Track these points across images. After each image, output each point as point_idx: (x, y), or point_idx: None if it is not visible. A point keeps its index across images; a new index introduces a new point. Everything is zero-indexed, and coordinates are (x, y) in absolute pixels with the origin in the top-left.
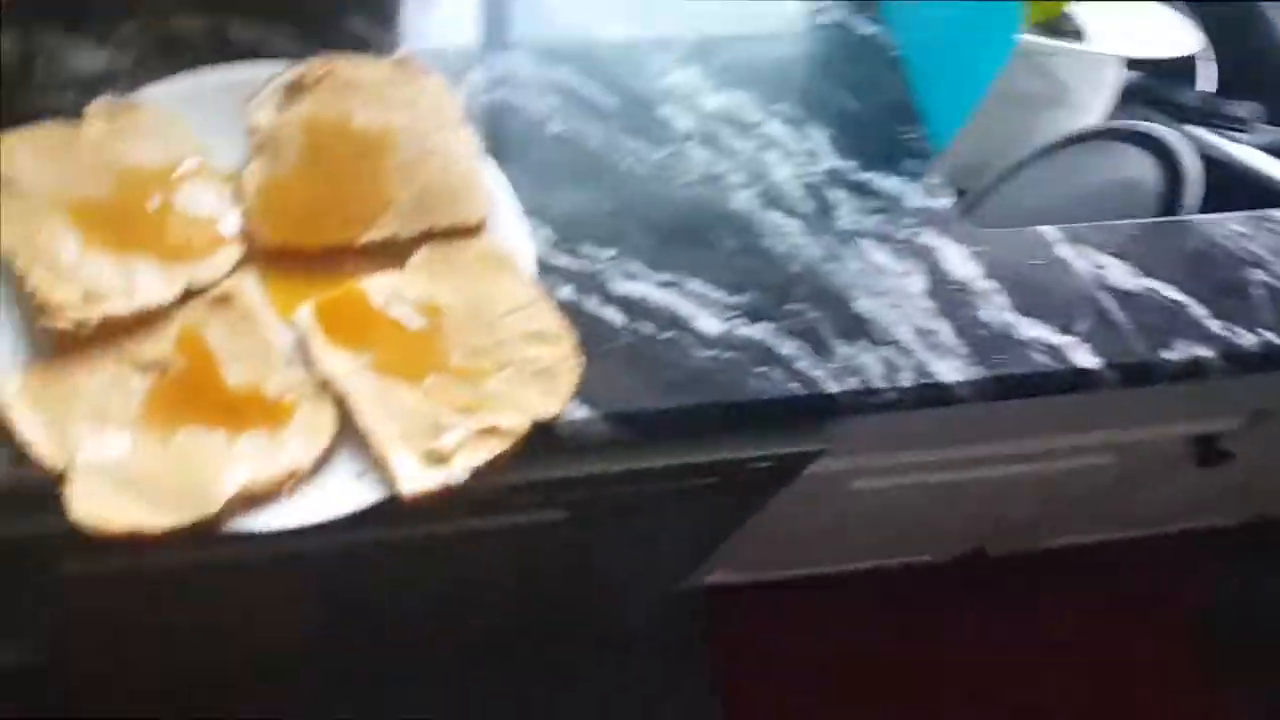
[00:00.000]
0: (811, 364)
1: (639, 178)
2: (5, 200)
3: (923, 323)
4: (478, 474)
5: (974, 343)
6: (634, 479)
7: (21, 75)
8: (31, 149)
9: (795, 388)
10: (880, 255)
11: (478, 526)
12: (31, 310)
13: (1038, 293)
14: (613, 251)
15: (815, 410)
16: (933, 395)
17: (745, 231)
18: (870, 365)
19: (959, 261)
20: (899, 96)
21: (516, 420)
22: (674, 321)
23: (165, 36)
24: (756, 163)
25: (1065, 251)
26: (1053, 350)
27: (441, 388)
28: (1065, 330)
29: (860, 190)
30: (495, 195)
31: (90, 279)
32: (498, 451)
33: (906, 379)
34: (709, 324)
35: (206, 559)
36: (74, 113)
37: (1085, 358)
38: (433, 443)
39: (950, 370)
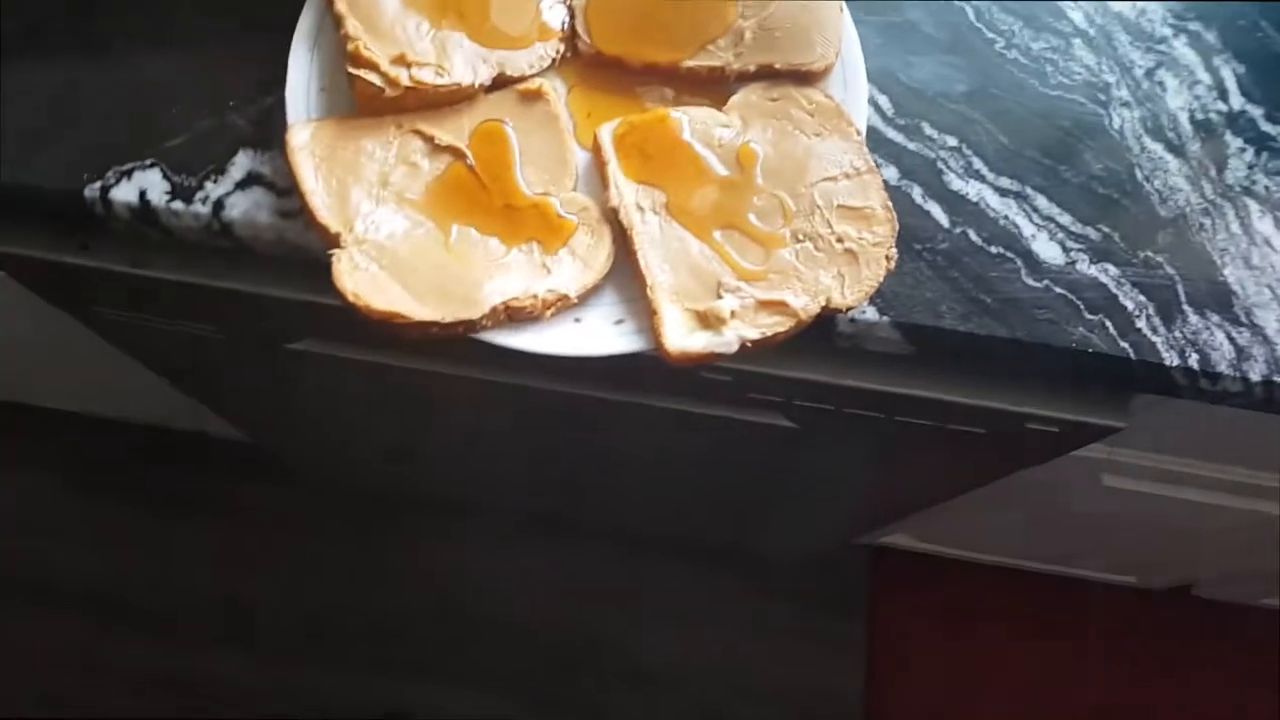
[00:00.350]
0: (1152, 326)
1: (1008, 65)
2: None
3: None
4: (747, 349)
5: None
6: (892, 405)
7: None
8: None
9: (1126, 349)
10: (1267, 225)
11: (696, 410)
12: (342, 58)
13: None
14: (955, 140)
15: (1136, 381)
16: None
17: (1115, 156)
18: (1220, 345)
19: None
20: None
21: (805, 301)
22: (1007, 237)
23: None
24: (1150, 82)
25: None
26: None
27: (732, 245)
28: None
29: (1263, 144)
30: (846, 48)
31: (406, 41)
32: (776, 330)
33: (1256, 372)
34: (1047, 250)
35: (441, 363)
36: None
37: None
38: (708, 303)
39: None
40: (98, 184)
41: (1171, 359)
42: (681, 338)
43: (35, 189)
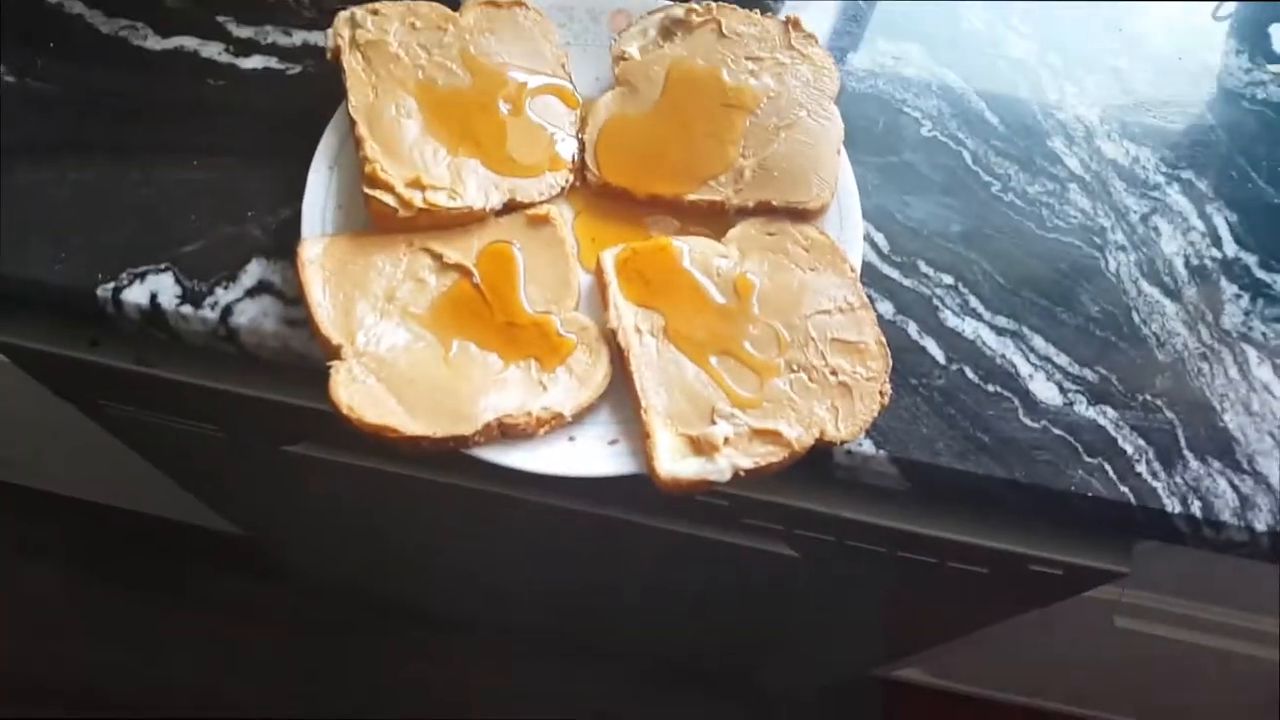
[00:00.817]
0: (1153, 471)
1: (1004, 207)
2: (367, 64)
3: None
4: (740, 477)
5: None
6: (892, 540)
7: None
8: (405, 21)
9: (1126, 494)
10: (1265, 371)
11: (696, 533)
12: (359, 178)
13: None
14: (951, 279)
15: (1137, 527)
16: None
17: (1112, 300)
18: (1222, 492)
19: None
20: None
21: (799, 432)
22: (1004, 376)
23: None
24: (1145, 228)
25: None
26: None
27: (728, 372)
28: None
29: (1258, 290)
30: (841, 188)
31: (422, 165)
32: (770, 460)
33: (1261, 521)
34: (1044, 390)
35: (436, 472)
36: None
37: None
38: (702, 429)
39: None
40: (111, 284)
41: (1173, 505)
42: (673, 463)
43: (49, 285)
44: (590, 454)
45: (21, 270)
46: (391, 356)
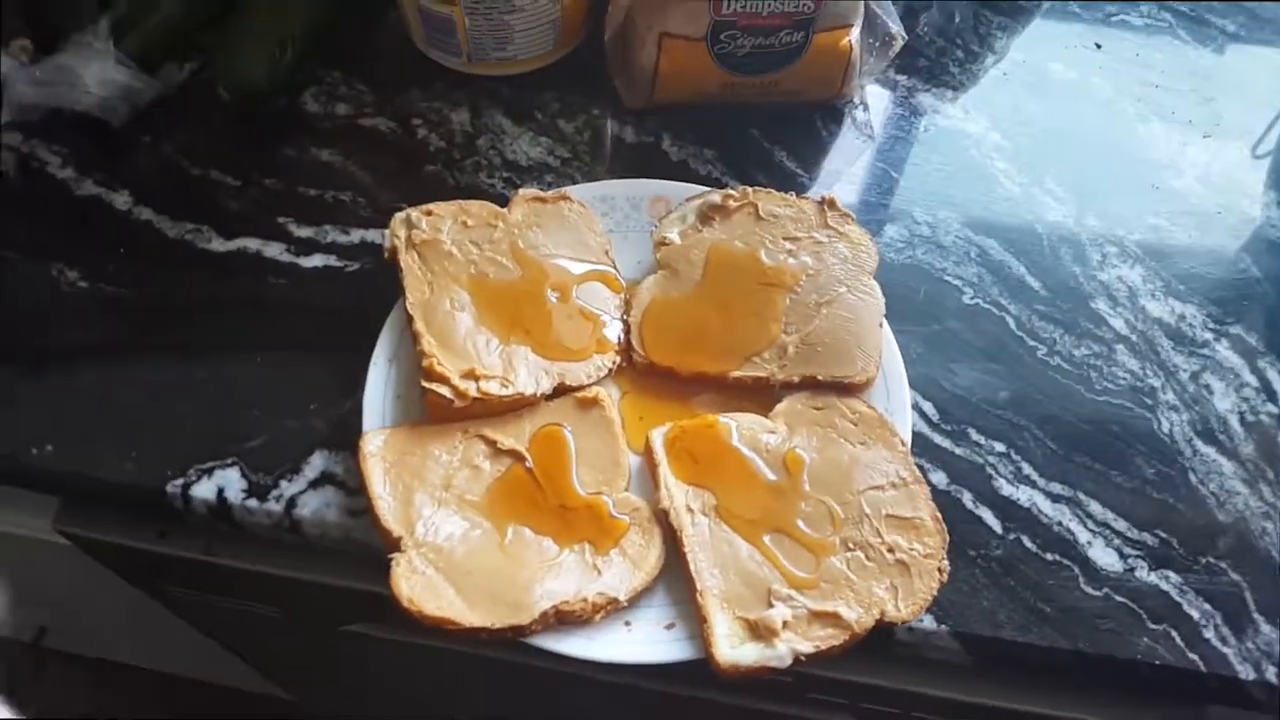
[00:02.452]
0: (1221, 637)
1: (1052, 371)
2: (424, 261)
3: None
4: (801, 662)
5: None
6: (959, 712)
7: (465, 151)
8: (457, 220)
9: (1195, 661)
10: None
11: (760, 707)
12: (417, 370)
13: None
14: (1003, 446)
15: (1210, 694)
16: None
17: (1168, 460)
18: None
19: None
20: None
21: (859, 613)
22: (1062, 544)
23: (601, 139)
24: (1196, 386)
25: None
26: None
27: (782, 551)
28: None
29: None
30: (886, 360)
31: (475, 356)
32: (830, 644)
33: None
34: (1104, 557)
35: (495, 651)
36: (503, 194)
37: None
38: (759, 612)
39: None
40: (180, 481)
41: (1246, 672)
42: (732, 649)
43: (120, 484)
44: (648, 640)
45: (93, 469)
46: (449, 546)
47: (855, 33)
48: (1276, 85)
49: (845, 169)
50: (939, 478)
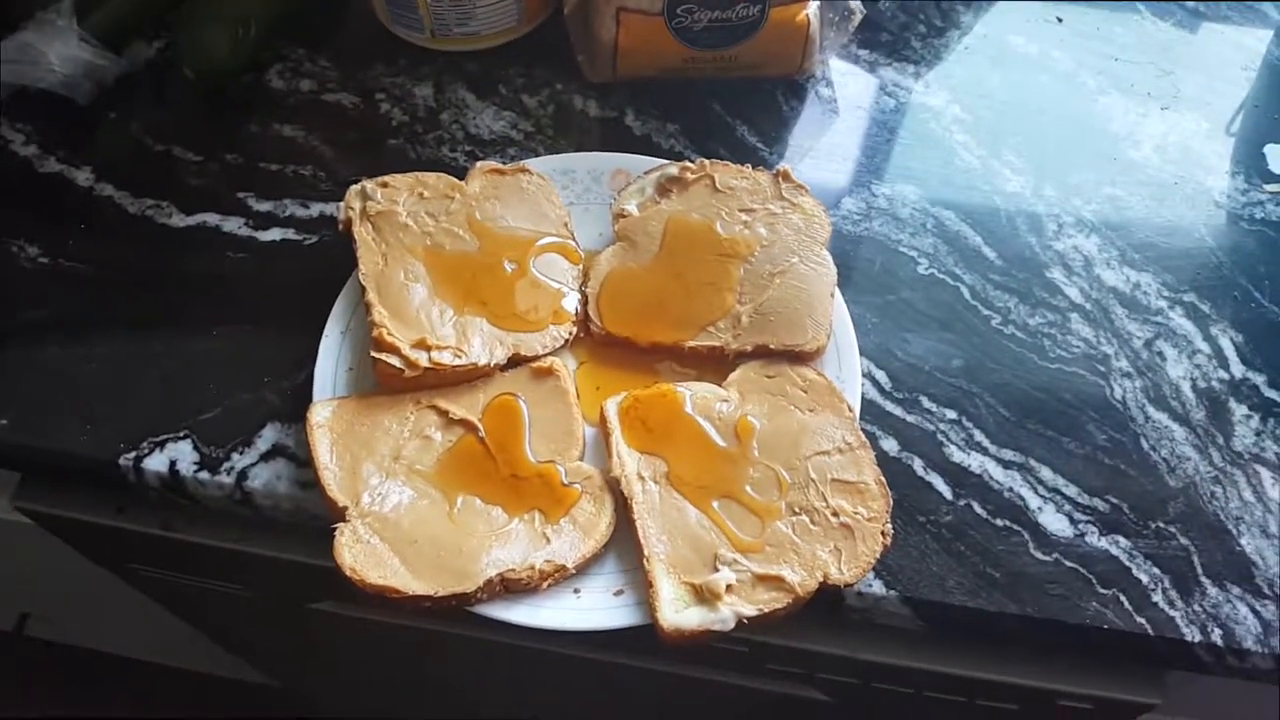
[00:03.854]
0: (1169, 600)
1: (1005, 339)
2: (377, 233)
3: None
4: (745, 625)
5: None
6: (919, 680)
7: (427, 125)
8: (414, 192)
9: (1143, 624)
10: None
11: (722, 679)
12: (369, 342)
13: None
14: (954, 414)
15: (1160, 658)
16: None
17: (1119, 427)
18: (1243, 619)
19: None
20: None
21: (802, 576)
22: (1012, 509)
23: (565, 114)
24: (1149, 353)
25: None
26: None
27: (730, 516)
28: None
29: (1268, 410)
30: (837, 329)
31: (429, 326)
32: (774, 607)
33: None
34: (1054, 522)
35: (455, 627)
36: (464, 167)
37: None
38: (704, 576)
39: None
40: (133, 453)
41: (1193, 634)
42: (676, 614)
43: (76, 456)
44: (594, 606)
45: (50, 442)
46: (395, 516)
47: (813, 7)
48: (1235, 59)
49: (806, 143)
50: (890, 445)
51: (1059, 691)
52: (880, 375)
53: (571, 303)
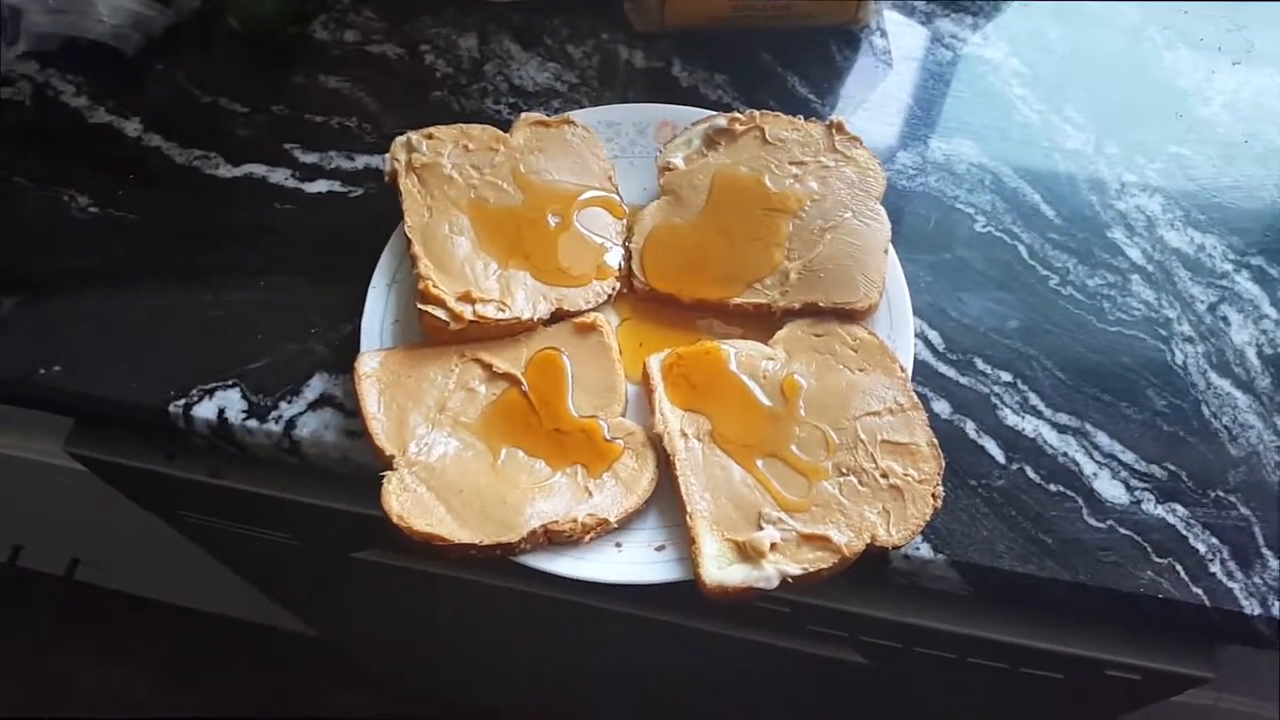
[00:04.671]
0: (1228, 572)
1: (1063, 301)
2: (422, 185)
3: None
4: (789, 584)
5: None
6: (962, 645)
7: (471, 77)
8: (459, 144)
9: (1199, 595)
10: None
11: (764, 640)
12: (415, 294)
13: None
14: (1010, 376)
15: (1215, 630)
16: None
17: (1180, 393)
18: None
19: None
20: None
21: (849, 537)
22: (1067, 475)
23: (610, 65)
24: (1213, 317)
25: None
26: None
27: (775, 475)
28: None
29: None
30: (890, 287)
31: (473, 279)
32: (819, 567)
33: None
34: (1109, 489)
35: (498, 578)
36: (508, 120)
37: None
38: (748, 534)
39: None
40: (182, 401)
41: (1252, 607)
42: (719, 570)
43: (126, 403)
44: (636, 560)
45: (100, 389)
46: (441, 465)
47: None
48: None
49: (860, 95)
50: (942, 407)
51: (1107, 661)
52: (933, 335)
53: (615, 258)
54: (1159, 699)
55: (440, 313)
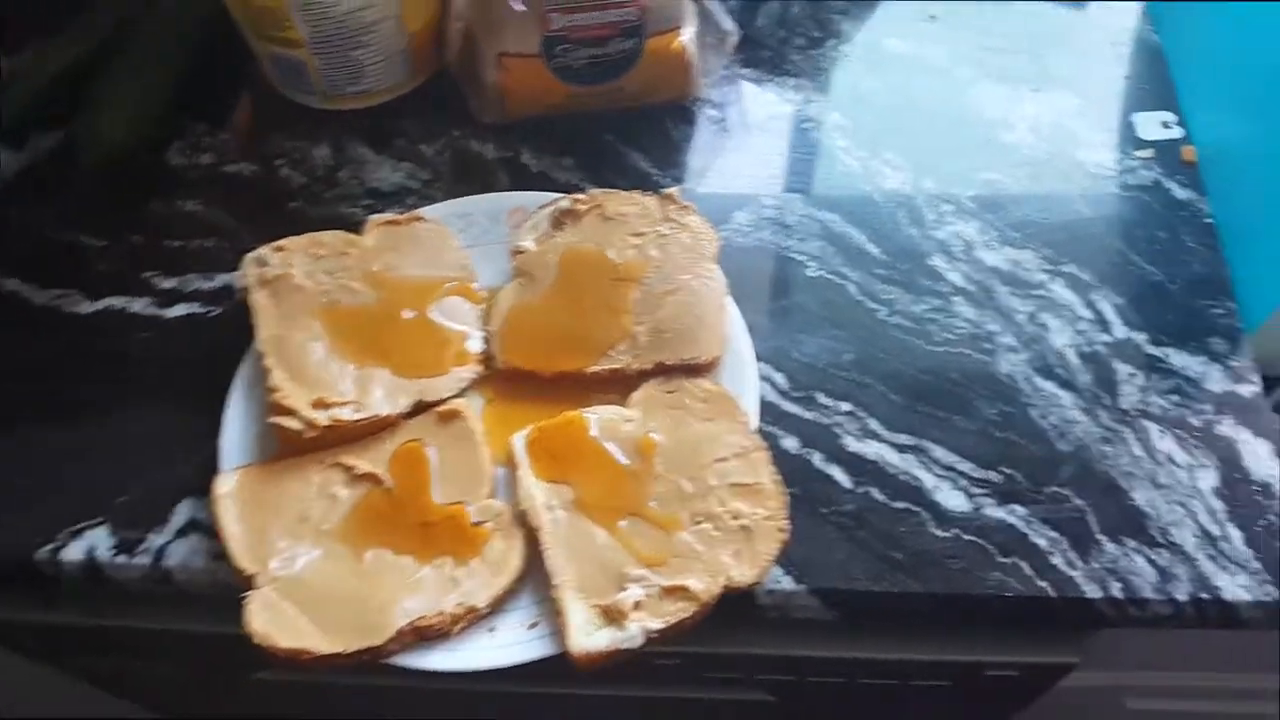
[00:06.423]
0: (1069, 561)
1: (892, 329)
2: (274, 297)
3: (1210, 526)
4: (655, 639)
5: (1271, 557)
6: (848, 668)
7: (327, 184)
8: (309, 252)
9: (1045, 588)
10: (1167, 443)
11: (669, 694)
12: (266, 407)
13: None
14: (849, 405)
15: (1066, 618)
16: (1213, 615)
17: (1008, 400)
18: (1141, 570)
19: (1263, 458)
20: (1207, 267)
21: (706, 583)
22: (910, 491)
23: (462, 158)
24: (1033, 325)
25: None
26: None
27: (634, 534)
28: None
29: (1151, 367)
30: (733, 336)
31: (327, 384)
32: (681, 617)
33: (1182, 592)
34: (951, 499)
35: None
36: (363, 223)
37: None
38: (611, 597)
39: (1237, 587)
40: (49, 546)
41: (1093, 591)
42: (586, 638)
43: None
44: (510, 642)
45: None
46: (305, 577)
47: (688, 34)
48: (1104, 37)
49: (699, 163)
50: (791, 443)
51: (984, 662)
52: (778, 377)
53: (475, 343)
54: (1043, 690)
55: (293, 422)
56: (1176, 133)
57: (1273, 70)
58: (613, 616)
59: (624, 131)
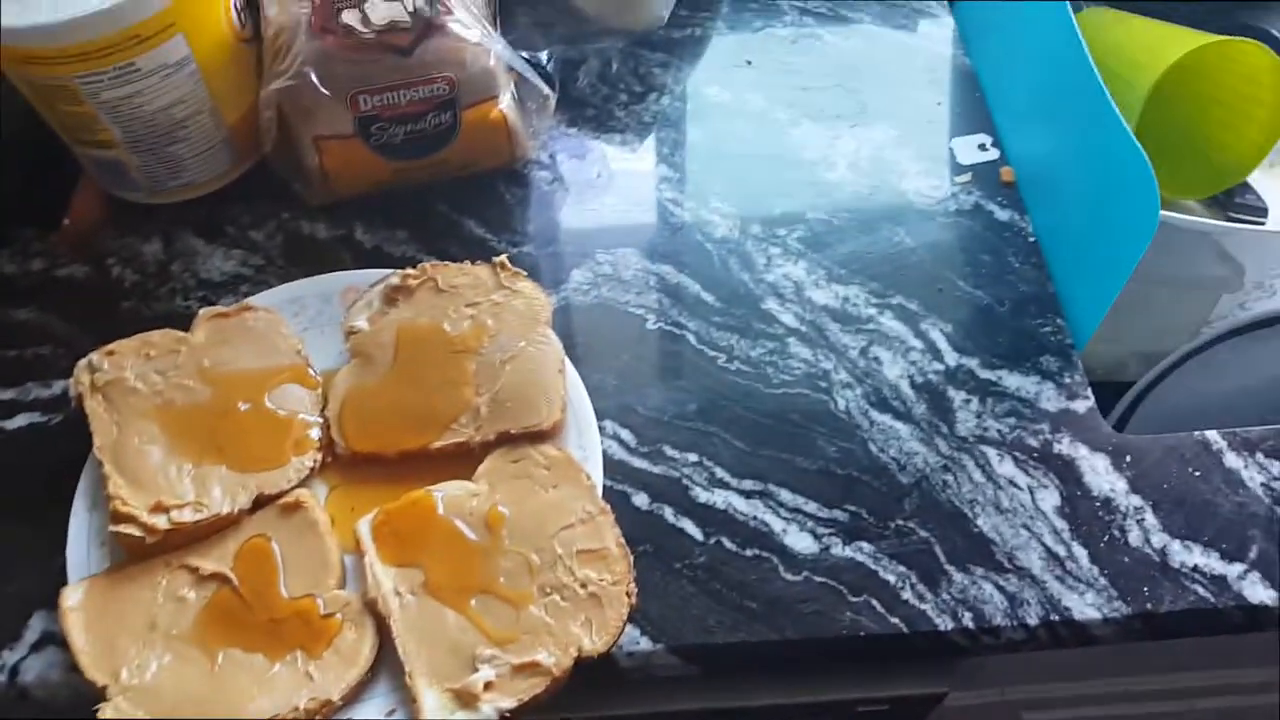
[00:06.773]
0: (919, 595)
1: (732, 375)
2: (108, 403)
3: (1055, 547)
4: (511, 718)
5: (1117, 572)
6: (725, 718)
7: (159, 280)
8: (140, 354)
9: (898, 624)
10: (1007, 466)
11: None
12: (108, 515)
13: (1198, 512)
14: (695, 456)
15: (923, 651)
16: (1066, 635)
17: (847, 436)
18: (990, 597)
19: (1101, 474)
20: (1034, 286)
21: (556, 656)
22: (760, 537)
23: (294, 241)
24: (865, 360)
25: (1234, 461)
26: (1216, 582)
27: (485, 612)
28: (1232, 558)
29: (985, 390)
30: (573, 400)
31: (165, 487)
32: (533, 693)
33: (1033, 616)
34: (799, 541)
35: None
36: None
37: (1258, 591)
38: (463, 680)
39: (1086, 606)
40: None
41: (945, 623)
42: None
43: None
44: None
45: None
46: (157, 684)
47: (505, 101)
48: (917, 65)
49: (533, 226)
50: (641, 499)
51: (854, 699)
52: (625, 434)
53: (314, 429)
54: (923, 718)
55: (133, 529)
56: (993, 154)
57: (1062, 80)
58: (465, 700)
59: (457, 200)
